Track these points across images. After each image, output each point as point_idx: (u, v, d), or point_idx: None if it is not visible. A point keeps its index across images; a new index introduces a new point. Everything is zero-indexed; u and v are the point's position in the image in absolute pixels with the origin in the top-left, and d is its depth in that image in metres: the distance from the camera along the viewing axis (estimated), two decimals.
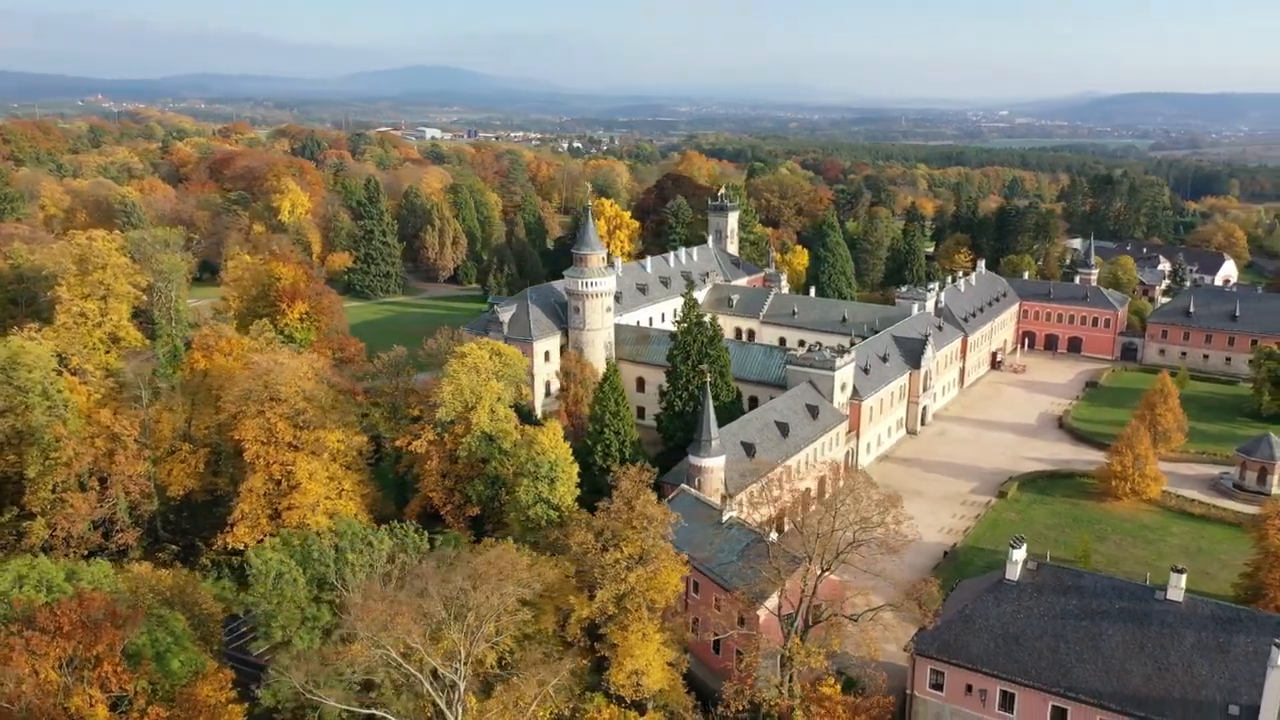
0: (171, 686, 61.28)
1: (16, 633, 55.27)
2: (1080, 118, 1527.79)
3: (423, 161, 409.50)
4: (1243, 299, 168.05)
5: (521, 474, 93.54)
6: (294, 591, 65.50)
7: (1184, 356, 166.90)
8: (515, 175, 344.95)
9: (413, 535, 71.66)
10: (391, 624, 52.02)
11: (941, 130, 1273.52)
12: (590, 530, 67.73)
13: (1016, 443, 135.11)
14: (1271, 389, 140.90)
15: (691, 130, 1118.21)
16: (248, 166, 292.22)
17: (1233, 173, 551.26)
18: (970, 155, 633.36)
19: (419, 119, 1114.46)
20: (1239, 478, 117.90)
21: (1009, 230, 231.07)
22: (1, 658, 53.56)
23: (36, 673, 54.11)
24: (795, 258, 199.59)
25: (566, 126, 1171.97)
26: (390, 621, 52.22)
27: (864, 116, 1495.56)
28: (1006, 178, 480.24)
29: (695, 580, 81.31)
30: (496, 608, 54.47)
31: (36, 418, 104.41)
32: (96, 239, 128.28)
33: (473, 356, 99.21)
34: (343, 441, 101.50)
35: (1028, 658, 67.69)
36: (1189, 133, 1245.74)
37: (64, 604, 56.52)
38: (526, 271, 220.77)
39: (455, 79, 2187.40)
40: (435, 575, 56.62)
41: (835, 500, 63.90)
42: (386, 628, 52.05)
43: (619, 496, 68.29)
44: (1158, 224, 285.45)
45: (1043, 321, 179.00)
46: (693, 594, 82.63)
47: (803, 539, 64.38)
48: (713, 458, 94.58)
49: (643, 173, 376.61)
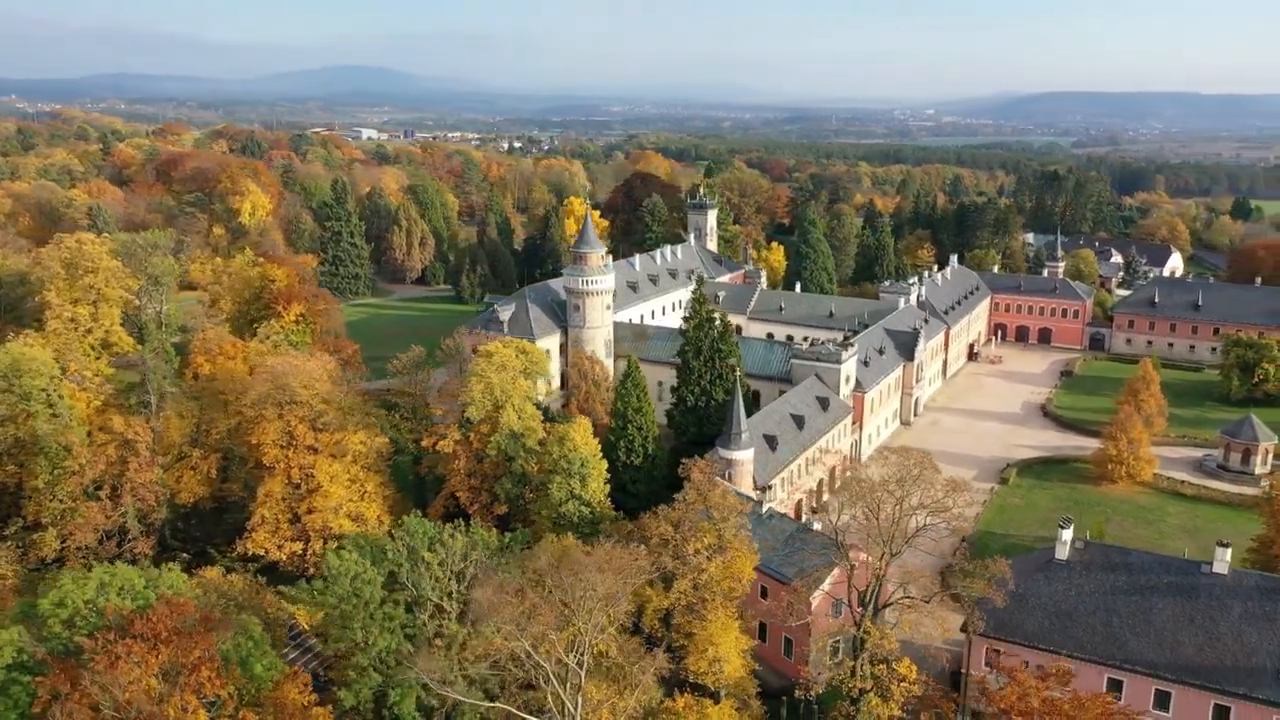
0: (257, 690, 60.82)
1: (115, 640, 54.33)
2: (1003, 116, 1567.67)
3: (370, 162, 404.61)
4: (1204, 289, 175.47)
5: (555, 471, 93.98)
6: (372, 592, 65.23)
7: (1149, 345, 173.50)
8: (470, 175, 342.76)
9: (482, 533, 71.70)
10: (529, 617, 52.39)
11: (872, 129, 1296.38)
12: (668, 521, 68.60)
13: (1006, 431, 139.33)
14: (1240, 374, 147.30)
15: (626, 130, 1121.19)
16: (198, 168, 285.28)
17: (1158, 169, 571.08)
18: (908, 153, 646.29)
19: (349, 119, 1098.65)
20: (1223, 459, 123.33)
21: (968, 226, 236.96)
22: (107, 665, 52.63)
23: (138, 680, 53.32)
24: (771, 254, 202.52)
25: (500, 126, 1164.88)
26: (529, 613, 52.59)
27: (795, 116, 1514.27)
28: (947, 175, 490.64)
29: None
30: (617, 597, 55.17)
31: (39, 426, 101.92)
32: (86, 242, 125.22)
33: (499, 355, 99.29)
34: (365, 443, 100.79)
35: (1082, 633, 70.52)
36: (1108, 130, 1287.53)
37: (159, 610, 55.70)
38: (499, 272, 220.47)
39: (382, 79, 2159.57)
40: (553, 570, 57.11)
41: (906, 485, 65.68)
42: (518, 622, 52.39)
43: (692, 488, 69.37)
44: (1103, 218, 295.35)
45: (1014, 314, 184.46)
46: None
47: (874, 525, 65.94)
48: (743, 450, 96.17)
49: (595, 172, 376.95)
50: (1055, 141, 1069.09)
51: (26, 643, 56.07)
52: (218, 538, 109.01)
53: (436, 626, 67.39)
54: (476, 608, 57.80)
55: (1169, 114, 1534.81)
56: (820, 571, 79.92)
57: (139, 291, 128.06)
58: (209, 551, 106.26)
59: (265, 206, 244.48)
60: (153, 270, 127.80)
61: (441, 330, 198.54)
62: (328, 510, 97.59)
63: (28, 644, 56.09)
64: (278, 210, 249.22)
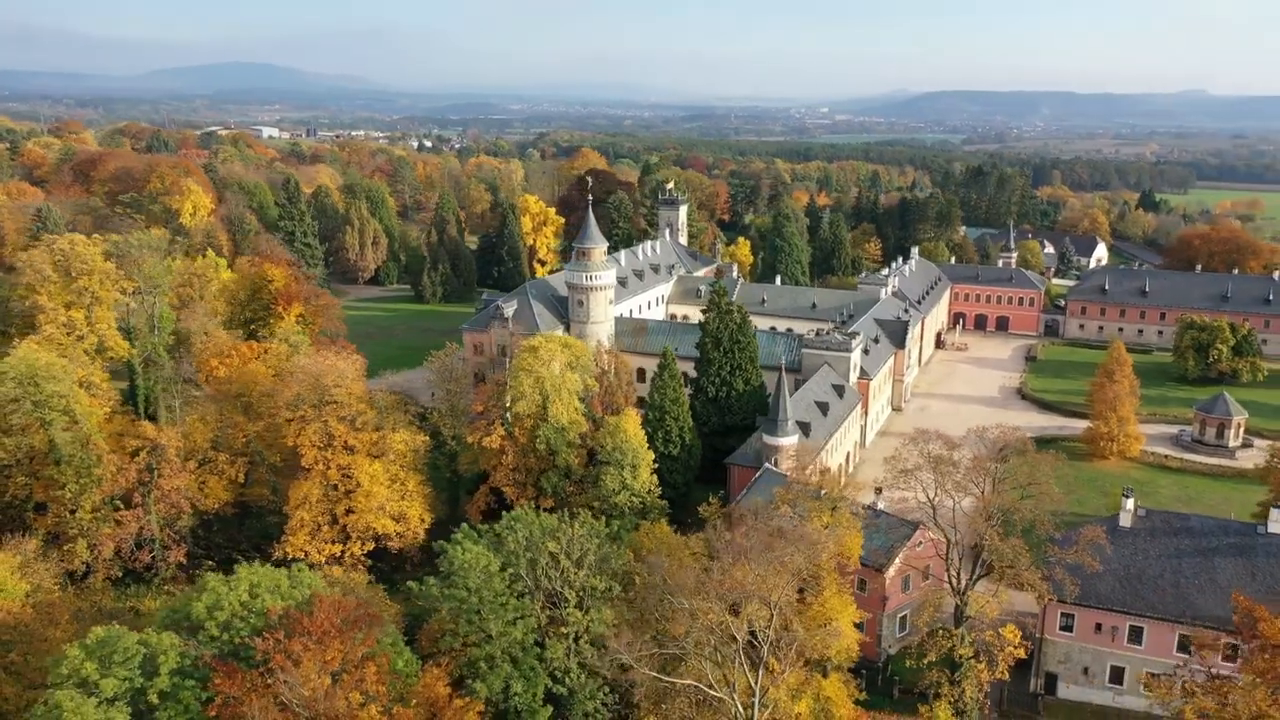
0: (403, 686, 60.79)
1: (286, 639, 53.79)
2: (894, 115, 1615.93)
3: (290, 160, 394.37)
4: (1151, 277, 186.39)
5: (608, 462, 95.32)
6: (499, 583, 65.69)
7: (1101, 330, 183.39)
8: (403, 174, 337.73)
9: (591, 522, 72.66)
10: (756, 586, 53.76)
11: (771, 127, 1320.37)
12: (786, 504, 70.85)
13: (991, 413, 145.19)
14: (1195, 355, 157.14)
15: (528, 128, 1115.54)
16: (124, 168, 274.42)
17: (1054, 164, 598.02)
18: (817, 150, 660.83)
19: (240, 117, 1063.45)
20: (1199, 433, 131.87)
21: (910, 220, 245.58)
22: (287, 664, 52.13)
23: (320, 678, 53.00)
24: (738, 249, 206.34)
25: (399, 125, 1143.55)
26: (754, 581, 53.99)
27: (694, 114, 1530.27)
28: (862, 171, 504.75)
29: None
30: (800, 571, 57.05)
31: (57, 435, 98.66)
32: (78, 243, 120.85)
33: (544, 349, 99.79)
34: (406, 442, 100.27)
35: (1152, 594, 75.54)
36: (994, 128, 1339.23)
37: (325, 608, 55.34)
38: (460, 271, 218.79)
39: (272, 76, 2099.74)
40: (727, 546, 58.68)
41: (1012, 464, 69.60)
42: (718, 595, 53.82)
43: (793, 472, 71.76)
44: (1026, 211, 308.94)
45: (973, 303, 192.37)
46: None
47: (980, 504, 69.64)
48: (788, 437, 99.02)
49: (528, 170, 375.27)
50: (946, 139, 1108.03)
51: (191, 647, 55.04)
52: (243, 543, 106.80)
53: (555, 614, 68.27)
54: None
55: (1047, 112, 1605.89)
56: (894, 549, 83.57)
57: (134, 293, 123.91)
58: (235, 558, 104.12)
59: (207, 207, 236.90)
60: (150, 272, 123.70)
61: (409, 330, 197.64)
62: (370, 510, 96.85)
63: (190, 649, 55.05)
64: (218, 210, 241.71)
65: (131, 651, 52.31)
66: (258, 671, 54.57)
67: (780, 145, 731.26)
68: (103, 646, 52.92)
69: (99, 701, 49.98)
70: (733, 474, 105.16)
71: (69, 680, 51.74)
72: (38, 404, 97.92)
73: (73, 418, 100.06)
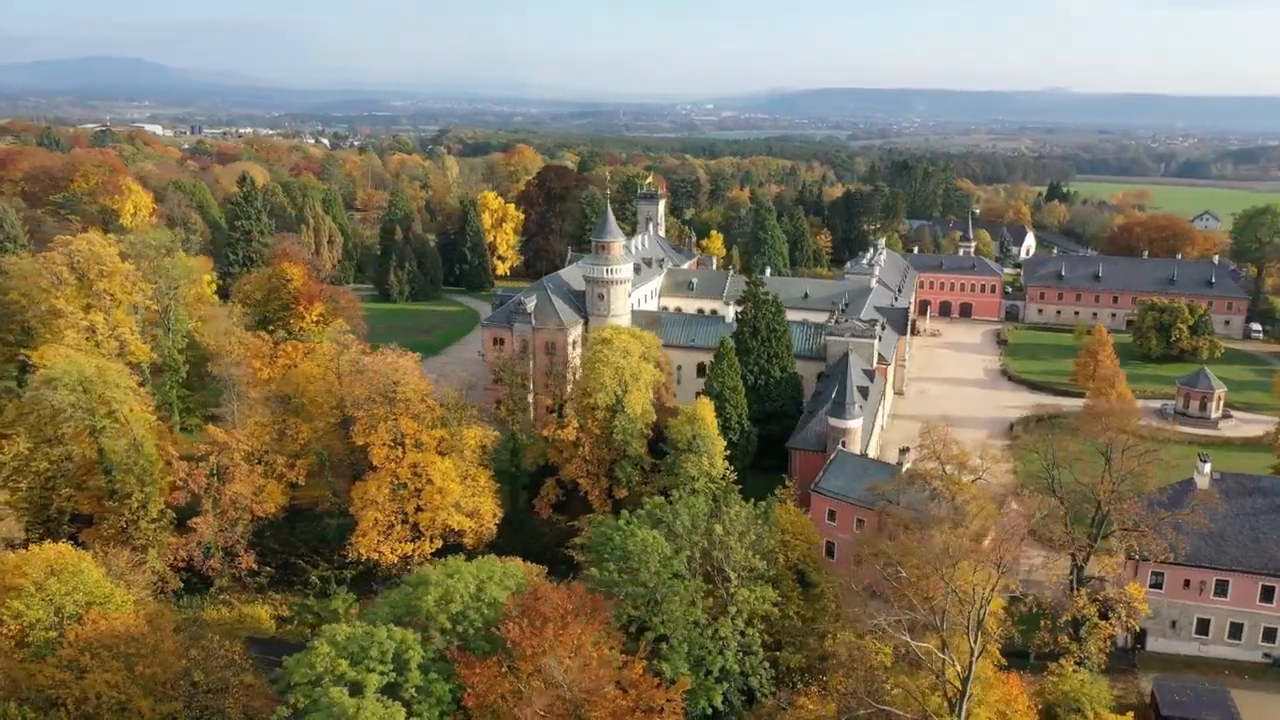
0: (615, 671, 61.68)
1: (532, 627, 54.18)
2: (778, 111, 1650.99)
3: (206, 159, 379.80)
4: (1104, 263, 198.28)
5: (689, 450, 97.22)
6: (677, 566, 67.14)
7: (1058, 314, 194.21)
8: (331, 172, 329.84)
9: (742, 503, 74.61)
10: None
11: (659, 124, 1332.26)
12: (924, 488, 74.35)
13: (985, 395, 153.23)
14: (1157, 335, 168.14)
15: (415, 125, 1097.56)
16: (40, 167, 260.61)
17: (949, 159, 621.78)
18: (721, 147, 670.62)
19: (109, 114, 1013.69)
20: (1182, 406, 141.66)
21: (855, 212, 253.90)
22: (538, 649, 52.69)
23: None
24: (711, 242, 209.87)
25: (280, 122, 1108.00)
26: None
27: (583, 111, 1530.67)
28: (774, 167, 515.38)
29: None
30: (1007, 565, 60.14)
31: (108, 443, 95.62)
32: (96, 243, 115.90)
33: (619, 340, 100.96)
34: (480, 438, 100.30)
35: (1235, 550, 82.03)
36: (876, 124, 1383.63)
37: (559, 596, 56.05)
38: (426, 269, 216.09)
39: (140, 72, 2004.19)
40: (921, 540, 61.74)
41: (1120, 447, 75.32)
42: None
43: (925, 449, 75.42)
44: (952, 203, 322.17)
45: (938, 290, 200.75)
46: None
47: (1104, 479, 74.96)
48: (855, 419, 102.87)
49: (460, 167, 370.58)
50: (833, 134, 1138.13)
51: (437, 642, 54.90)
52: (300, 547, 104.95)
53: (716, 593, 70.09)
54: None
55: (923, 108, 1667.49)
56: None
57: (154, 295, 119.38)
58: (294, 562, 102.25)
59: (148, 207, 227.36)
60: (172, 273, 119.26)
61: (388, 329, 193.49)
62: (445, 507, 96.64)
63: (431, 644, 54.90)
64: (158, 210, 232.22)
65: (386, 648, 52.00)
66: (494, 660, 54.93)
67: (688, 141, 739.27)
68: (352, 644, 52.41)
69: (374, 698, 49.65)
70: (795, 458, 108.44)
71: (325, 678, 51.09)
72: (90, 411, 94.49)
73: (126, 424, 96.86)
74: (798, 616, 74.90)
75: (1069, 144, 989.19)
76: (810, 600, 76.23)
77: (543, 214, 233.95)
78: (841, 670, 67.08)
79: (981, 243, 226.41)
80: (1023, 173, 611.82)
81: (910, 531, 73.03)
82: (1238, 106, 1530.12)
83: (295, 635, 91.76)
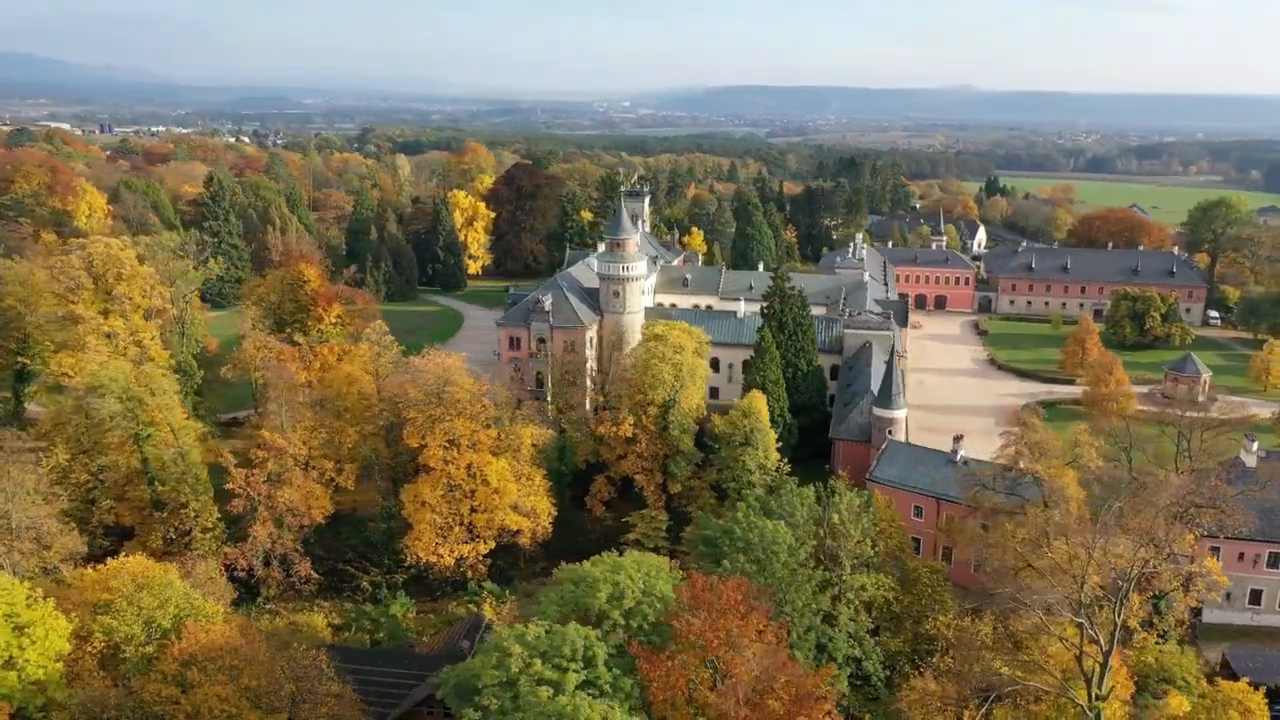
0: None
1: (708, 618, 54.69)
2: (694, 109, 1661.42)
3: (138, 161, 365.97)
4: (1071, 255, 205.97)
5: (746, 443, 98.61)
6: (803, 554, 68.36)
7: (1029, 305, 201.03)
8: (277, 171, 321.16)
9: (849, 493, 76.08)
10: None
11: (579, 121, 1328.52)
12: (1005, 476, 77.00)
13: (980, 384, 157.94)
14: (1131, 323, 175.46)
15: (330, 123, 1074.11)
16: None
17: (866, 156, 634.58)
18: (653, 145, 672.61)
19: (5, 112, 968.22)
20: (1171, 390, 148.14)
21: (817, 208, 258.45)
22: (729, 640, 53.29)
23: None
24: (692, 239, 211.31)
25: (188, 120, 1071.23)
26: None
27: (500, 108, 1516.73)
28: (708, 164, 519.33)
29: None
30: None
31: (152, 452, 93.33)
32: (113, 246, 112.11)
33: (673, 337, 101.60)
34: (536, 437, 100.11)
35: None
36: (792, 121, 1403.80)
37: (732, 588, 56.64)
38: (402, 269, 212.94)
39: (33, 67, 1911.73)
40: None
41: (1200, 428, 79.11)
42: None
43: (1015, 435, 78.19)
44: (899, 199, 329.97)
45: (913, 283, 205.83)
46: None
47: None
48: (901, 409, 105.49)
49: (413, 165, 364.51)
50: (752, 131, 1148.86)
51: (614, 638, 55.01)
52: (348, 553, 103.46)
53: (831, 580, 71.68)
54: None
55: (837, 105, 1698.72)
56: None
57: (172, 299, 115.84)
58: (343, 568, 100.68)
59: (103, 208, 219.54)
60: (191, 277, 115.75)
61: None
62: (501, 508, 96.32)
63: (610, 640, 54.99)
64: (113, 211, 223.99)
65: (577, 646, 51.97)
66: (669, 653, 55.31)
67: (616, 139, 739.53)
68: (541, 643, 52.23)
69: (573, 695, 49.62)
70: (838, 448, 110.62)
71: (520, 679, 50.78)
72: (135, 419, 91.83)
73: (174, 432, 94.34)
74: (896, 601, 76.87)
75: (981, 141, 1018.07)
76: (906, 586, 78.23)
77: (513, 213, 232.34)
78: (952, 651, 69.42)
79: (950, 237, 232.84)
80: (945, 168, 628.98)
81: (1009, 517, 75.80)
82: (1134, 104, 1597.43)
83: (354, 642, 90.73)
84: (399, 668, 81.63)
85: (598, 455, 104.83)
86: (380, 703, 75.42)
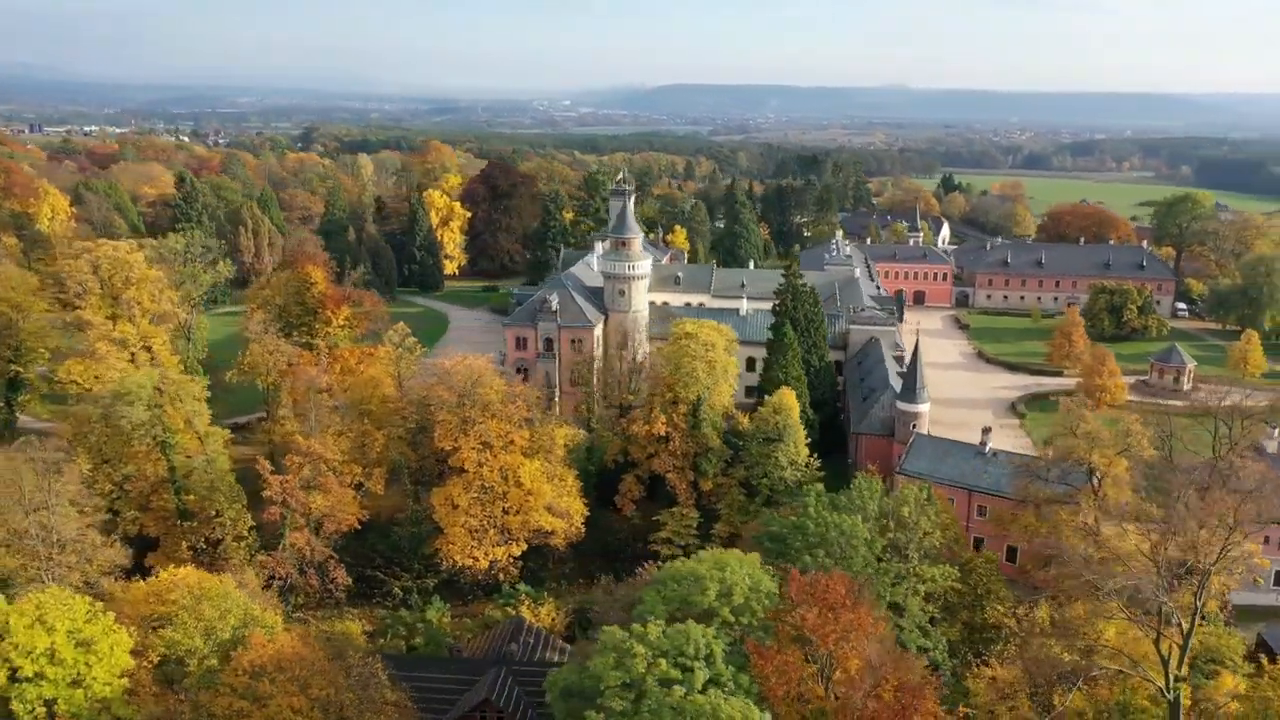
0: None
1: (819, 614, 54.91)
2: (634, 107, 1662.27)
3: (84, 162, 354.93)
4: (1046, 250, 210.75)
5: (779, 439, 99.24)
6: (879, 547, 69.04)
7: (1005, 299, 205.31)
8: (235, 171, 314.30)
9: (910, 487, 76.97)
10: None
11: (520, 120, 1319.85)
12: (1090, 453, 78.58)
13: (972, 377, 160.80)
14: (1109, 315, 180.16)
15: (266, 121, 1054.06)
16: None
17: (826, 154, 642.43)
18: (602, 143, 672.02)
19: None
20: (1157, 380, 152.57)
21: (788, 205, 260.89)
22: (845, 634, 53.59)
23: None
24: (675, 237, 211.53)
25: (119, 119, 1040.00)
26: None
27: (439, 107, 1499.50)
28: (662, 163, 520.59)
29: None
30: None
31: (180, 460, 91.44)
32: (121, 249, 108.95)
33: (703, 334, 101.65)
34: (570, 437, 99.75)
35: None
36: (733, 119, 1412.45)
37: (836, 581, 56.90)
38: (381, 270, 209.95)
39: None
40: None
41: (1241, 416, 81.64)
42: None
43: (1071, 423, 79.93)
44: (861, 196, 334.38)
45: (892, 279, 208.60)
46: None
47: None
48: (925, 403, 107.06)
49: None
50: (695, 130, 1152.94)
51: (729, 637, 54.93)
52: (375, 558, 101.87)
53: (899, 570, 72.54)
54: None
55: (776, 104, 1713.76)
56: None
57: (181, 303, 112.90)
58: (372, 574, 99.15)
59: (65, 209, 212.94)
60: (201, 280, 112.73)
61: None
62: (536, 509, 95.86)
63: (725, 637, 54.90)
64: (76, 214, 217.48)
65: (700, 645, 51.83)
66: (774, 649, 55.45)
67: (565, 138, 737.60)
68: (663, 642, 52.01)
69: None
70: (860, 443, 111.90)
71: (647, 679, 50.46)
72: (162, 426, 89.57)
73: (201, 439, 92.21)
74: (954, 591, 78.04)
75: (919, 139, 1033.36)
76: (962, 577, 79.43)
77: (489, 212, 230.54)
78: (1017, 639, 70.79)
79: (925, 233, 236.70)
80: (891, 165, 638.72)
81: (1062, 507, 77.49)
82: (1063, 103, 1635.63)
83: (389, 648, 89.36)
84: (445, 673, 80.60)
85: (625, 454, 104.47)
86: (430, 709, 74.43)
